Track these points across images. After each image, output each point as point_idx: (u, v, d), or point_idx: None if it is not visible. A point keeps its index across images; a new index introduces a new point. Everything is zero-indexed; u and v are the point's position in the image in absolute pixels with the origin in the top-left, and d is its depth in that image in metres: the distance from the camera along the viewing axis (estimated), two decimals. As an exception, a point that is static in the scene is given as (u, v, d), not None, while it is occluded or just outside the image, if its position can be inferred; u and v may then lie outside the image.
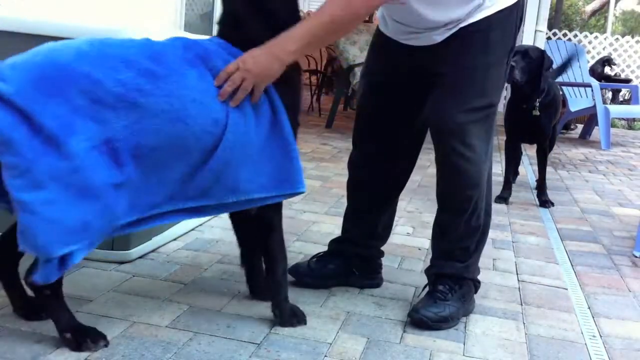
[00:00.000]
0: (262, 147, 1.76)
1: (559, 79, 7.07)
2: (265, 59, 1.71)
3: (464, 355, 1.83)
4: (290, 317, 1.90)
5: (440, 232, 2.10)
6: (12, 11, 2.70)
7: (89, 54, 1.58)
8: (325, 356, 1.74)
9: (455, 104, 1.94)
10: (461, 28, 1.93)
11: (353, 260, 2.24)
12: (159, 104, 1.59)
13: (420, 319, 1.96)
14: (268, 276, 1.92)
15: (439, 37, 1.96)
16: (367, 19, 9.04)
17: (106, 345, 1.67)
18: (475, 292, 2.15)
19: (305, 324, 1.91)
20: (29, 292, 1.71)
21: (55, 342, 1.67)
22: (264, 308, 1.99)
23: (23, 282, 1.68)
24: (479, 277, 2.17)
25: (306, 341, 1.81)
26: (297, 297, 2.10)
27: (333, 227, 2.94)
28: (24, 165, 1.47)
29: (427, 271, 2.13)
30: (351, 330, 1.91)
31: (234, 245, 2.58)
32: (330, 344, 1.80)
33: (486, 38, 1.94)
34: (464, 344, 1.89)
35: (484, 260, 2.65)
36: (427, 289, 2.10)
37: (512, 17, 1.97)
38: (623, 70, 10.73)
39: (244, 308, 1.99)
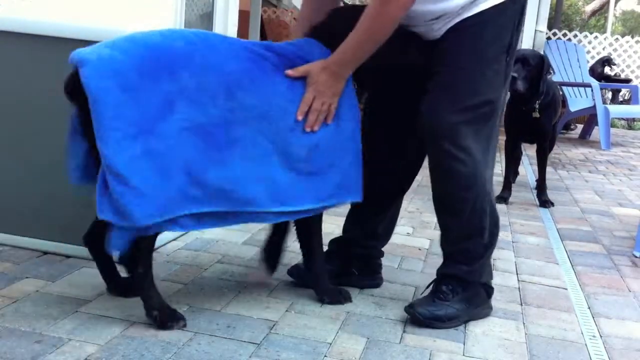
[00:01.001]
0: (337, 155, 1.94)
1: (559, 79, 7.09)
2: (332, 80, 1.88)
3: (464, 355, 1.83)
4: (338, 296, 2.09)
5: (441, 233, 2.10)
6: (12, 11, 2.70)
7: (197, 44, 1.73)
8: (325, 356, 1.74)
9: (447, 104, 1.93)
10: (456, 23, 1.92)
11: (352, 261, 2.24)
12: (252, 101, 1.76)
13: (413, 315, 1.97)
14: (309, 268, 2.11)
15: (436, 33, 1.95)
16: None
17: (184, 326, 1.80)
18: (488, 297, 2.12)
19: (350, 300, 2.10)
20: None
21: (55, 341, 1.67)
22: (264, 308, 2.00)
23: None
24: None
25: (306, 341, 1.81)
26: (297, 298, 2.10)
27: (333, 227, 2.93)
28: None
29: (438, 269, 2.12)
30: (351, 330, 1.91)
31: (234, 245, 2.59)
32: (330, 344, 1.80)
33: (480, 34, 1.92)
34: (464, 344, 1.89)
35: (484, 260, 2.65)
36: (431, 287, 2.09)
37: (509, 12, 1.94)
38: (623, 70, 10.73)
39: (244, 308, 1.99)
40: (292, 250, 2.56)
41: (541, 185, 3.98)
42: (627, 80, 10.06)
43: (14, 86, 2.27)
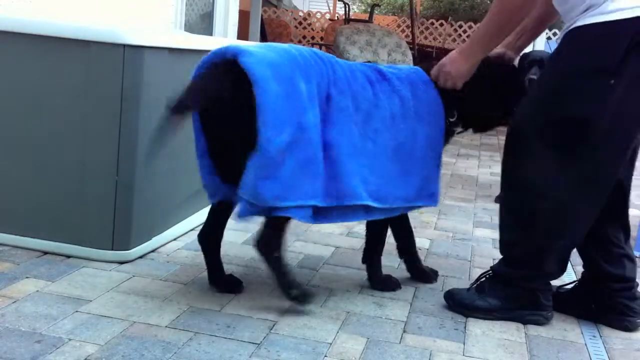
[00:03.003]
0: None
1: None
2: (458, 59, 2.07)
3: (464, 355, 1.83)
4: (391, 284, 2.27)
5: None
6: (12, 11, 2.71)
7: (317, 54, 1.95)
8: (325, 356, 1.74)
9: (530, 111, 1.98)
10: (568, 31, 1.92)
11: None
12: (363, 102, 1.97)
13: (445, 299, 2.14)
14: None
15: (560, 38, 1.98)
16: (367, 18, 9.04)
17: (314, 300, 1.99)
18: (534, 306, 2.08)
19: (400, 287, 2.26)
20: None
21: (55, 341, 1.67)
22: (264, 308, 2.00)
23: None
24: None
25: (306, 341, 1.81)
26: (297, 297, 2.10)
27: (333, 227, 2.94)
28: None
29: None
30: (351, 330, 1.91)
31: (234, 245, 2.59)
32: (330, 344, 1.80)
33: (574, 47, 1.91)
34: (464, 344, 1.89)
35: (484, 260, 2.65)
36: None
37: (617, 34, 1.83)
38: (623, 70, 10.70)
39: (244, 308, 1.99)
40: (293, 251, 2.56)
41: (541, 185, 3.97)
42: (627, 80, 10.04)
43: (14, 86, 2.27)
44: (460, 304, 2.09)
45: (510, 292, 2.06)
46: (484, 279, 2.14)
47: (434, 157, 2.12)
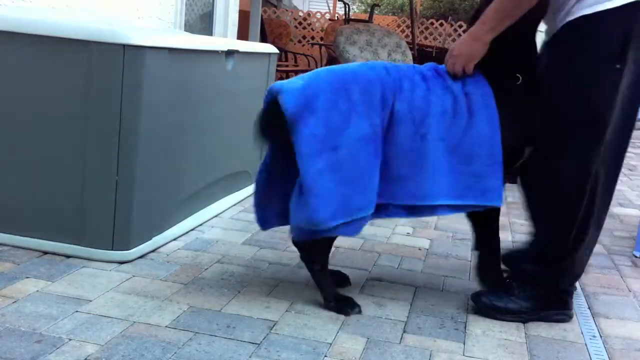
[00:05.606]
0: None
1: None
2: (466, 42, 2.01)
3: (464, 355, 1.83)
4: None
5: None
6: (12, 11, 2.71)
7: (367, 65, 2.01)
8: (325, 356, 1.74)
9: (556, 110, 1.98)
10: (563, 24, 1.90)
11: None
12: (405, 106, 1.98)
13: (475, 303, 2.10)
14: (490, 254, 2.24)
15: (557, 23, 1.95)
16: (367, 18, 9.04)
17: (359, 312, 2.01)
18: (562, 305, 2.09)
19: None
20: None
21: (55, 341, 1.67)
22: (264, 308, 2.00)
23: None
24: None
25: (306, 341, 1.81)
26: (297, 298, 2.10)
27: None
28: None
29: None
30: (351, 330, 1.91)
31: (234, 245, 2.59)
32: (330, 344, 1.80)
33: (574, 42, 1.90)
34: (464, 344, 1.89)
35: (484, 260, 2.65)
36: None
37: (613, 23, 1.84)
38: (623, 70, 10.70)
39: (244, 308, 1.99)
40: (293, 250, 2.56)
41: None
42: (627, 80, 10.04)
43: (14, 86, 2.27)
44: (489, 306, 2.07)
45: (541, 292, 2.06)
46: (509, 280, 2.12)
47: (487, 153, 2.06)
